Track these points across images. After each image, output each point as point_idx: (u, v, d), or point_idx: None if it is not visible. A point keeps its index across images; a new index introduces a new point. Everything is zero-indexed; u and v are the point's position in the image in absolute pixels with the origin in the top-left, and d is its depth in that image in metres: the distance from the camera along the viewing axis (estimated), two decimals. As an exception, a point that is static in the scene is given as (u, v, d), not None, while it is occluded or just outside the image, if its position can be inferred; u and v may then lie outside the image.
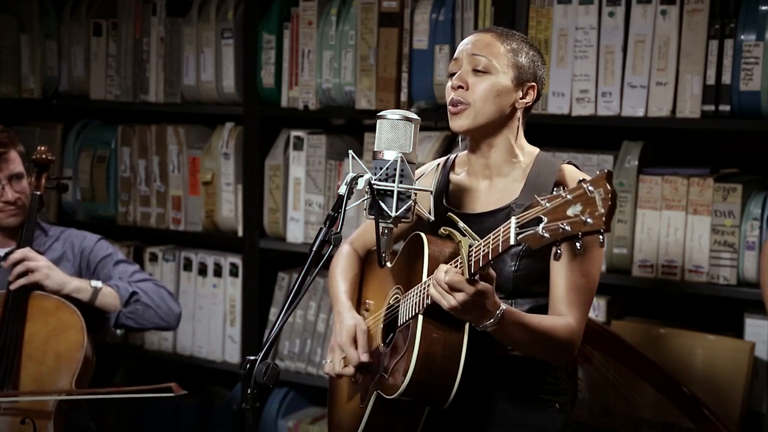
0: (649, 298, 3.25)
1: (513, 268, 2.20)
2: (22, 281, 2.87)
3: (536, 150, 2.32)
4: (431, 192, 2.17)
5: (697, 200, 3.01)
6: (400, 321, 2.21)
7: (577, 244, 1.78)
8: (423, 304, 2.10)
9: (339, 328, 2.32)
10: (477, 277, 1.98)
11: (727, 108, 2.93)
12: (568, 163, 2.27)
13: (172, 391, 2.74)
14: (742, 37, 2.89)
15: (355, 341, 2.28)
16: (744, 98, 2.90)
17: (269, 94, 3.65)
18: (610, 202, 1.74)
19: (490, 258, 1.94)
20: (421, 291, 2.12)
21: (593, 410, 3.11)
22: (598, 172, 1.77)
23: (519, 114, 2.28)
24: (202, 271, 3.83)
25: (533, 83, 2.26)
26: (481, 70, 2.21)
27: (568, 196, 1.79)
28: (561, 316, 2.17)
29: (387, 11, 3.38)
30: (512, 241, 1.87)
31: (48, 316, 2.87)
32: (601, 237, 1.75)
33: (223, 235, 3.83)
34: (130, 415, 4.03)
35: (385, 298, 2.34)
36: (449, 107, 2.25)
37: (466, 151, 2.37)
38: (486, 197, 2.29)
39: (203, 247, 3.91)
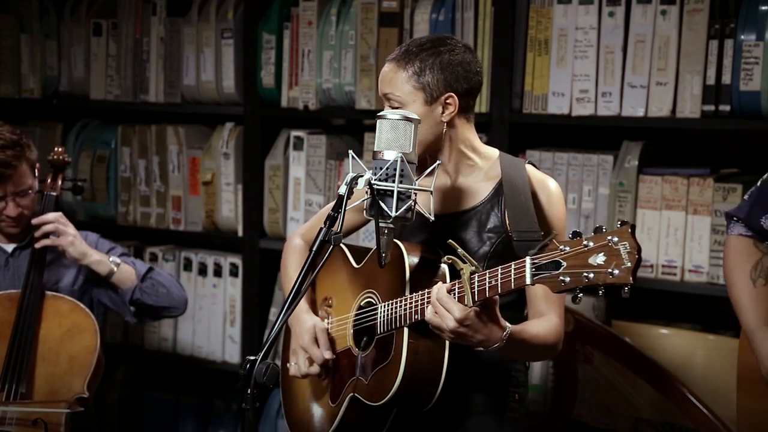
0: (649, 298, 3.25)
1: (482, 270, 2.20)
2: (46, 241, 2.92)
3: (495, 152, 2.35)
4: (431, 192, 2.17)
5: (697, 200, 3.01)
6: (380, 329, 2.24)
7: (600, 292, 1.84)
8: (411, 319, 2.15)
9: (299, 330, 2.38)
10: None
11: (727, 108, 2.93)
12: (529, 163, 2.32)
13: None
14: (742, 37, 2.89)
15: (316, 341, 2.34)
16: (744, 98, 2.90)
17: (269, 94, 3.65)
18: (637, 256, 1.80)
19: (498, 291, 1.98)
20: (407, 306, 2.16)
21: (593, 410, 3.11)
22: (619, 224, 1.82)
23: (456, 125, 2.27)
24: (202, 271, 3.83)
25: (450, 93, 2.23)
26: (395, 107, 2.23)
27: (591, 244, 1.83)
28: (543, 316, 2.23)
29: (387, 11, 3.38)
30: (528, 281, 1.91)
31: (62, 317, 2.89)
32: (626, 289, 1.81)
33: (223, 235, 3.83)
34: (131, 415, 4.03)
35: (351, 299, 2.36)
36: None
37: None
38: (451, 197, 2.32)
39: (203, 247, 3.91)
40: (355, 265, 2.40)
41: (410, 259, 2.22)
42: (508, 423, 2.33)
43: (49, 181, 3.05)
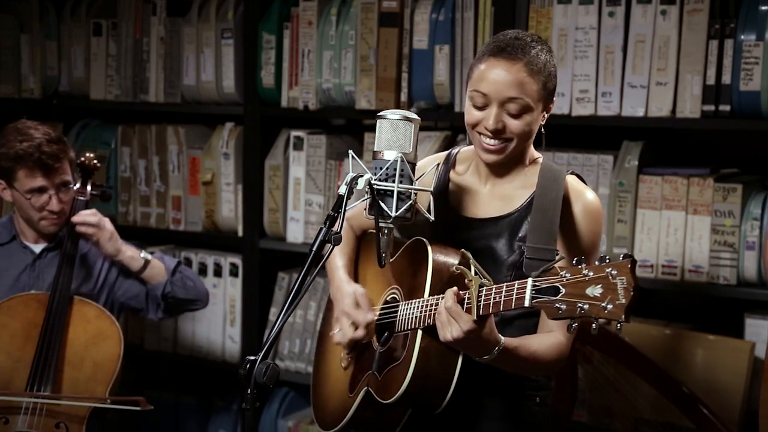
0: (649, 298, 3.25)
1: (507, 279, 2.17)
2: (90, 229, 2.97)
3: (540, 156, 2.30)
4: (431, 192, 2.17)
5: (697, 200, 3.01)
6: (398, 327, 2.23)
7: (593, 325, 1.82)
8: (425, 323, 2.13)
9: (340, 296, 2.36)
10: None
11: (727, 108, 2.93)
12: (571, 173, 2.26)
13: (138, 405, 2.80)
14: (742, 37, 2.89)
15: (358, 304, 2.32)
16: (744, 98, 2.90)
17: (269, 94, 3.65)
18: (632, 293, 1.77)
19: (501, 308, 1.97)
20: (424, 308, 2.14)
21: (593, 410, 3.11)
22: (621, 257, 1.80)
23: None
24: (202, 271, 3.83)
25: (554, 98, 2.25)
26: (512, 114, 2.17)
27: (590, 274, 1.81)
28: (550, 332, 2.19)
29: (387, 11, 3.38)
30: (526, 304, 1.90)
31: (88, 323, 2.91)
32: (618, 325, 1.78)
33: (223, 235, 3.83)
34: (131, 415, 4.02)
35: (381, 292, 2.36)
36: (484, 142, 2.19)
37: (470, 147, 2.35)
38: (487, 202, 2.29)
39: (203, 247, 3.91)
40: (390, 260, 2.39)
41: (435, 261, 2.19)
42: (523, 429, 2.30)
43: (78, 186, 3.06)
